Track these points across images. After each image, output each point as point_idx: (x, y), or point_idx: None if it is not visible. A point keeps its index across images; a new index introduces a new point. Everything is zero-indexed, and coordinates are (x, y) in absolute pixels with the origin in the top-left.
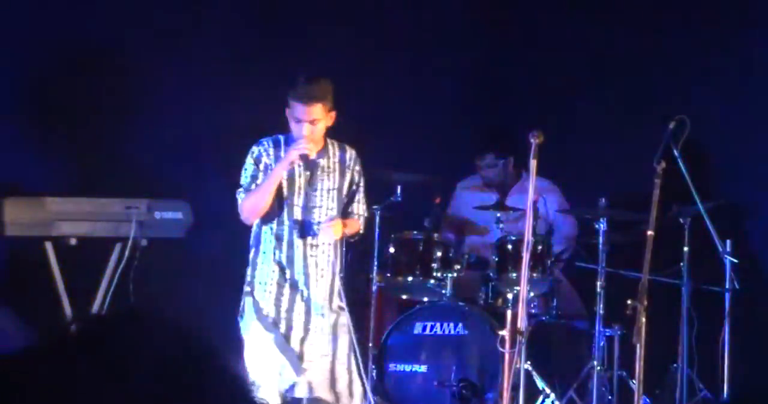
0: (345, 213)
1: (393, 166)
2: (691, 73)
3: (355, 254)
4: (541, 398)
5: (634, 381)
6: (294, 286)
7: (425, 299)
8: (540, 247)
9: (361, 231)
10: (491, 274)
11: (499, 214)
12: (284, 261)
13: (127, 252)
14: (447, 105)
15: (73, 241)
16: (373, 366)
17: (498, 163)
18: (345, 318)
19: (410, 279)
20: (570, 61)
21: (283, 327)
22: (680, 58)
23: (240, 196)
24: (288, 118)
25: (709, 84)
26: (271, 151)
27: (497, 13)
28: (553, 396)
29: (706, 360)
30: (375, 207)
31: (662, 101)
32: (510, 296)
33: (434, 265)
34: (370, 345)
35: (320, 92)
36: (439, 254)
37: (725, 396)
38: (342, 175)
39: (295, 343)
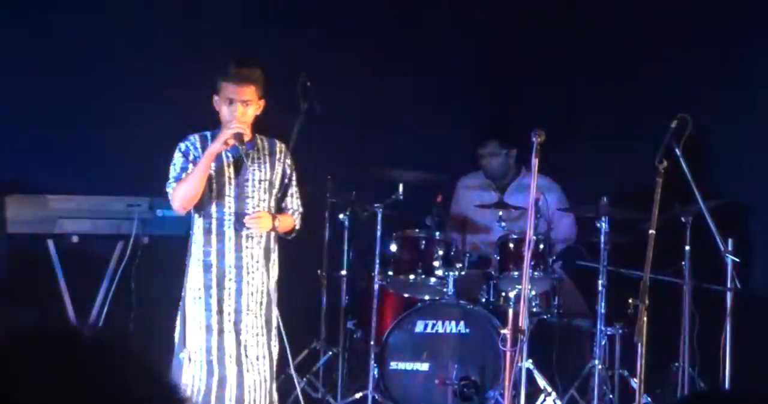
0: (279, 208)
1: (394, 164)
2: (692, 71)
3: (357, 252)
4: (542, 396)
5: (635, 379)
6: (220, 284)
7: (427, 297)
8: (541, 246)
9: (297, 227)
10: (493, 273)
11: (500, 213)
12: (214, 256)
13: (128, 250)
14: (448, 103)
15: (75, 239)
16: (375, 365)
17: (501, 152)
18: (275, 317)
19: (412, 277)
20: (572, 60)
21: (215, 332)
22: (682, 57)
23: (171, 186)
24: (217, 103)
25: (711, 83)
26: (198, 144)
27: (499, 12)
28: (554, 394)
29: (707, 360)
30: (377, 205)
31: (664, 100)
32: (511, 294)
33: (436, 264)
34: (372, 343)
35: (253, 75)
36: (440, 252)
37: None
38: (272, 167)
39: (230, 348)
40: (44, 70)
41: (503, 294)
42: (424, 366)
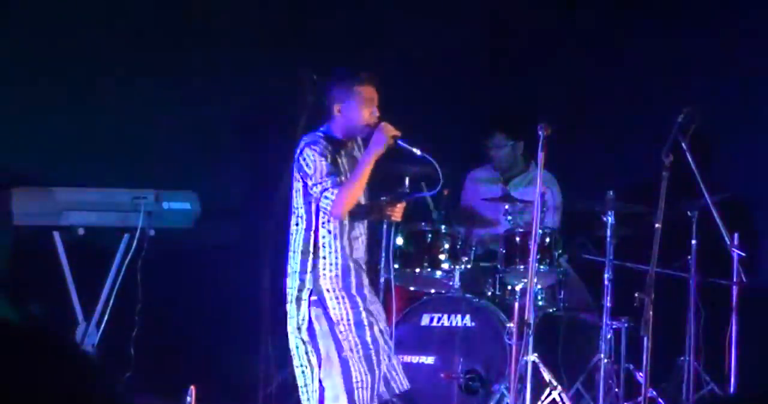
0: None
1: (401, 157)
2: (699, 65)
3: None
4: (547, 390)
5: (641, 373)
6: (359, 286)
7: (433, 291)
8: (548, 240)
9: None
10: (499, 266)
11: (507, 206)
12: (346, 261)
13: (134, 243)
14: (455, 97)
15: (81, 231)
16: None
17: (506, 144)
18: None
19: (418, 270)
20: (578, 54)
21: (367, 328)
22: (689, 51)
23: (331, 192)
24: (348, 109)
25: (718, 76)
26: (329, 146)
27: (504, 5)
28: (559, 388)
29: (713, 353)
30: (383, 199)
31: (670, 94)
32: (517, 288)
33: (442, 257)
34: None
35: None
36: (446, 246)
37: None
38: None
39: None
40: (49, 63)
41: (509, 287)
42: (430, 360)
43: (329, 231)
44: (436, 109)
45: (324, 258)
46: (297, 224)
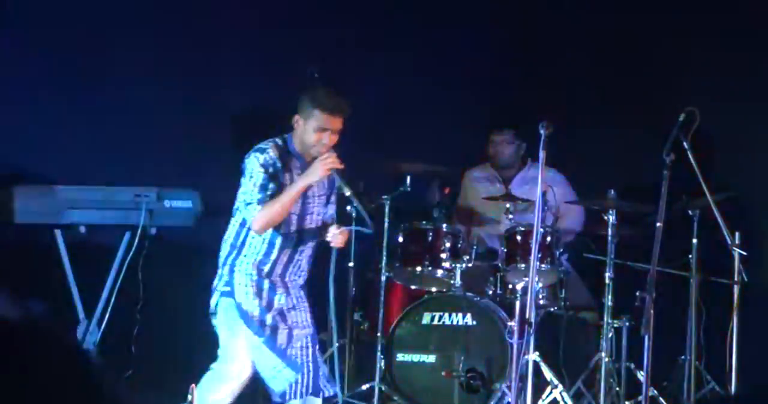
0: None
1: (402, 156)
2: (701, 64)
3: (365, 244)
4: (548, 389)
5: (641, 372)
6: (272, 290)
7: (434, 289)
8: (549, 238)
9: None
10: (500, 265)
11: (507, 205)
12: (267, 267)
13: (136, 241)
14: (456, 96)
15: (82, 229)
16: (382, 356)
17: (514, 142)
18: None
19: (419, 269)
20: (579, 52)
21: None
22: (691, 50)
23: (254, 208)
24: (300, 124)
25: (719, 75)
26: (278, 160)
27: (506, 4)
28: (560, 387)
29: (714, 353)
30: (384, 197)
31: (672, 93)
32: (518, 287)
33: (443, 256)
34: (379, 335)
35: (346, 106)
36: (448, 244)
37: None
38: (330, 178)
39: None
40: (52, 61)
41: (510, 286)
42: (431, 358)
43: (260, 235)
44: (435, 107)
45: (245, 256)
46: (234, 215)
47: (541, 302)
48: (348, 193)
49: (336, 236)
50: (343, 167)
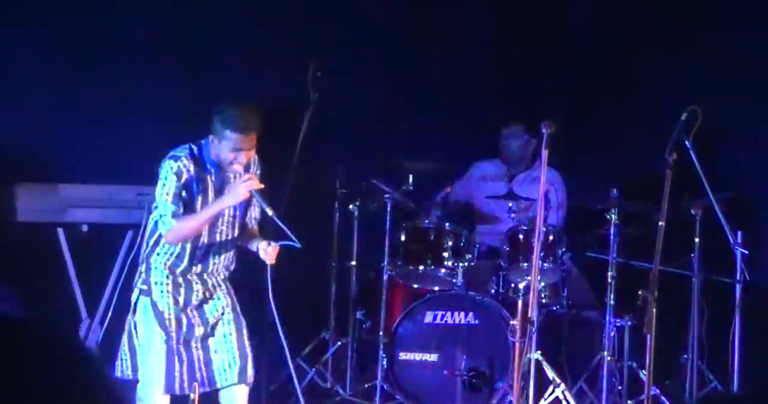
0: (243, 222)
1: (405, 154)
2: (703, 63)
3: (367, 242)
4: (551, 388)
5: (644, 371)
6: (189, 286)
7: (436, 288)
8: (551, 237)
9: None
10: (502, 264)
11: (510, 204)
12: (180, 268)
13: (138, 239)
14: (459, 94)
15: (85, 228)
16: (384, 355)
17: (523, 137)
18: None
19: (421, 268)
20: (582, 52)
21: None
22: (693, 49)
23: (168, 221)
24: (215, 142)
25: (722, 74)
26: (192, 168)
27: (509, 3)
28: (563, 385)
29: (716, 352)
30: (386, 195)
31: (674, 92)
32: (521, 286)
33: (445, 254)
34: (381, 333)
35: (256, 122)
36: (450, 243)
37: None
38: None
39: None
40: (53, 61)
41: (512, 285)
42: (433, 357)
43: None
44: (438, 105)
45: (158, 254)
46: (151, 212)
47: (544, 301)
48: (270, 213)
49: (268, 252)
50: (262, 187)
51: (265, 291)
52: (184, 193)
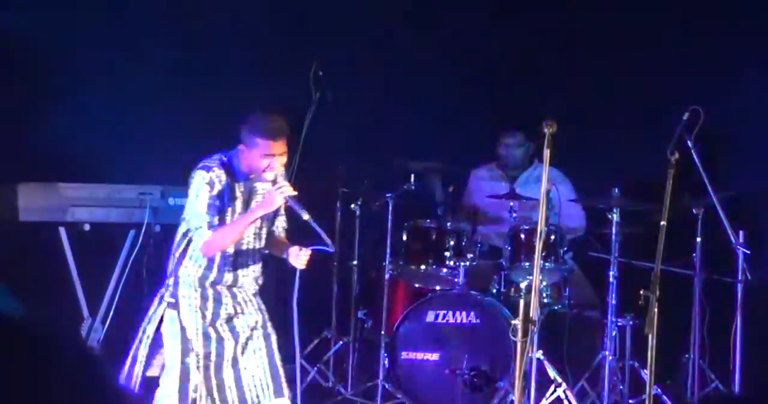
0: (270, 230)
1: (407, 154)
2: (704, 63)
3: (369, 242)
4: (552, 387)
5: (645, 371)
6: (217, 301)
7: (438, 287)
8: (553, 237)
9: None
10: (504, 263)
11: (512, 203)
12: (209, 281)
13: (140, 239)
14: (461, 94)
15: (86, 227)
16: (385, 354)
17: (525, 144)
18: None
19: (423, 267)
20: (583, 51)
21: (214, 340)
22: (694, 49)
23: (204, 233)
24: (246, 154)
25: (723, 74)
26: (224, 177)
27: (510, 3)
28: (564, 385)
29: (717, 351)
30: (388, 195)
31: (676, 91)
32: (522, 285)
33: (447, 254)
34: (383, 333)
35: (285, 127)
36: (452, 243)
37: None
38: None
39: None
40: (55, 59)
41: (514, 284)
42: (435, 356)
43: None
44: (440, 105)
45: (186, 267)
46: (180, 225)
47: (545, 300)
48: (306, 218)
49: (299, 257)
50: (296, 194)
51: (290, 296)
52: (218, 204)
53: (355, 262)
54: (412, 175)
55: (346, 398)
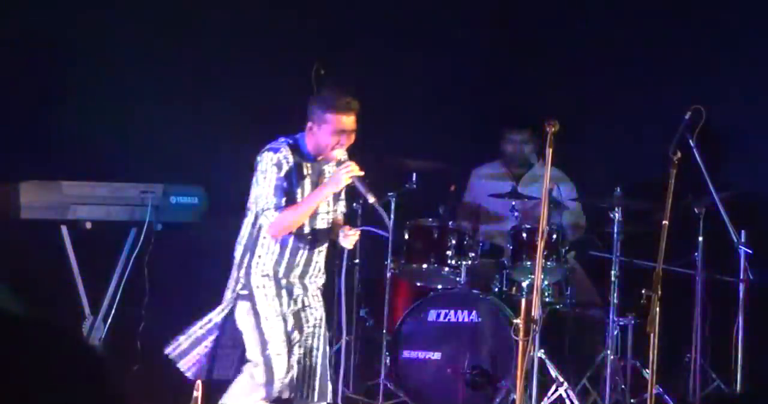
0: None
1: (408, 153)
2: (707, 62)
3: (371, 241)
4: (554, 386)
5: (647, 370)
6: (290, 292)
7: (439, 286)
8: (554, 236)
9: None
10: (506, 262)
11: (514, 202)
12: (282, 268)
13: (142, 237)
14: (463, 93)
15: (88, 225)
16: (387, 353)
17: (531, 140)
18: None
19: (425, 266)
20: (585, 50)
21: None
22: (697, 47)
23: (272, 214)
24: (315, 131)
25: (725, 73)
26: (291, 159)
27: (513, 5)
28: (566, 384)
29: (719, 350)
30: (390, 194)
31: (678, 91)
32: (524, 284)
33: (449, 253)
34: (384, 331)
35: (356, 102)
36: (453, 242)
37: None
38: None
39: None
40: (57, 58)
41: (516, 283)
42: (436, 355)
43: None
44: (442, 104)
45: (260, 256)
46: (246, 216)
47: (547, 299)
48: (372, 201)
49: (348, 236)
50: (363, 174)
51: (338, 275)
52: (285, 185)
53: (356, 261)
54: (414, 174)
55: (347, 397)
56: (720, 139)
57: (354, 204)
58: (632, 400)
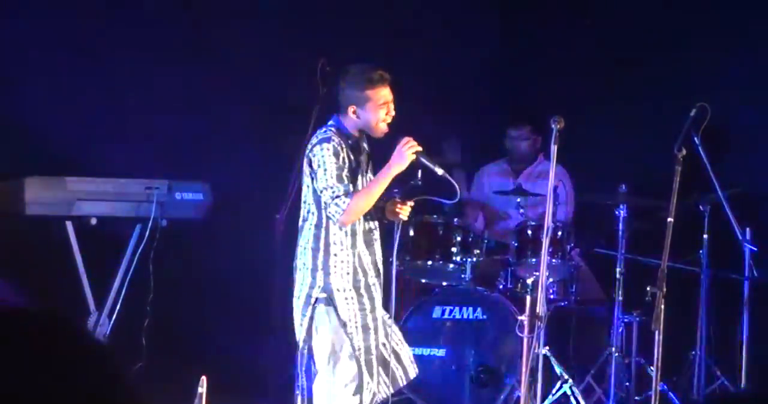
0: None
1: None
2: (712, 59)
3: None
4: (559, 383)
5: (652, 367)
6: (367, 286)
7: (444, 283)
8: (560, 233)
9: None
10: (511, 259)
11: (519, 199)
12: (359, 259)
13: (147, 233)
14: (467, 91)
15: (93, 221)
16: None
17: (531, 137)
18: None
19: (430, 263)
20: (590, 48)
21: (372, 331)
22: (702, 45)
23: (343, 201)
24: (360, 112)
25: (731, 71)
26: (344, 145)
27: (519, 3)
28: (571, 381)
29: (724, 348)
30: (395, 190)
31: (683, 88)
32: (529, 281)
33: (454, 250)
34: None
35: (386, 72)
36: (458, 238)
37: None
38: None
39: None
40: (61, 54)
41: (521, 280)
42: (441, 352)
43: (341, 229)
44: (447, 102)
45: (335, 255)
46: (306, 219)
47: (552, 296)
48: (441, 173)
49: (401, 207)
50: (421, 149)
51: (390, 253)
52: (345, 173)
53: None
54: (419, 171)
55: None
56: (725, 136)
57: (411, 181)
58: (637, 397)
